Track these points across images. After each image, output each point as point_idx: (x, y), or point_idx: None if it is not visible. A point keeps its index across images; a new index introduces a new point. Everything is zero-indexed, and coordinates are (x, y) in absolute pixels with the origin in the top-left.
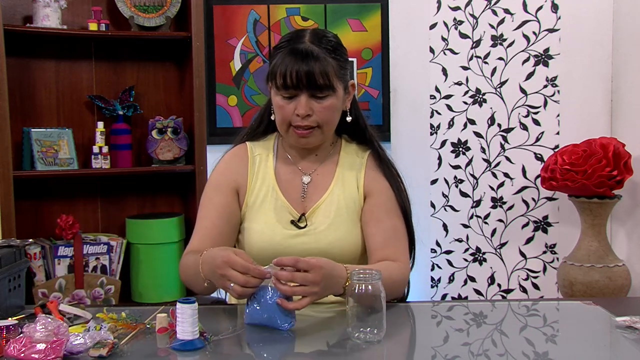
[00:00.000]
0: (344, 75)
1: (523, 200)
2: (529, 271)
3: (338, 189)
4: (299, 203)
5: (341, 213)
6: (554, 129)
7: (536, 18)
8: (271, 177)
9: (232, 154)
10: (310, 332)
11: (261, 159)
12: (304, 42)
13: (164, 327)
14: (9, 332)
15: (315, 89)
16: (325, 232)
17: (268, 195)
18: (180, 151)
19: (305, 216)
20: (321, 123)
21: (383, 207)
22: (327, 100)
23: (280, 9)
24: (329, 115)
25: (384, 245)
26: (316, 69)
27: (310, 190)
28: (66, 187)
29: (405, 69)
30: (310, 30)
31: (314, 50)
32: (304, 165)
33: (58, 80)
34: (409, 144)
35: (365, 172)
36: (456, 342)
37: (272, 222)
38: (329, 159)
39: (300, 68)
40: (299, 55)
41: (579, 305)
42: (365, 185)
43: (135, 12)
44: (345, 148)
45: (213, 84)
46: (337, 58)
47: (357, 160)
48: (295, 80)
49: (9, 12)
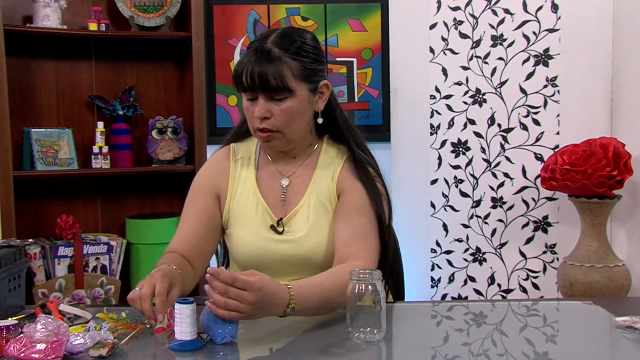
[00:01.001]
0: (308, 77)
1: (523, 200)
2: (529, 271)
3: (315, 192)
4: (279, 207)
5: (319, 217)
6: (554, 129)
7: (536, 18)
8: (252, 181)
9: (215, 157)
10: (310, 332)
11: (243, 163)
12: (267, 42)
13: (162, 327)
14: (9, 332)
15: (269, 91)
16: (306, 237)
17: (250, 200)
18: (180, 151)
19: (283, 221)
20: (280, 127)
21: (352, 204)
22: (285, 102)
23: (280, 9)
24: (288, 118)
25: (348, 242)
26: (269, 71)
27: (290, 193)
28: (66, 187)
29: (405, 69)
30: (280, 30)
31: (272, 51)
32: (283, 168)
33: (58, 80)
34: (409, 144)
35: (341, 173)
36: (456, 342)
37: (254, 228)
38: (308, 161)
39: (254, 69)
40: (256, 56)
41: (579, 305)
42: (339, 185)
43: (135, 12)
44: (325, 149)
45: (213, 84)
46: (300, 59)
47: (335, 162)
48: (250, 82)
49: (9, 12)
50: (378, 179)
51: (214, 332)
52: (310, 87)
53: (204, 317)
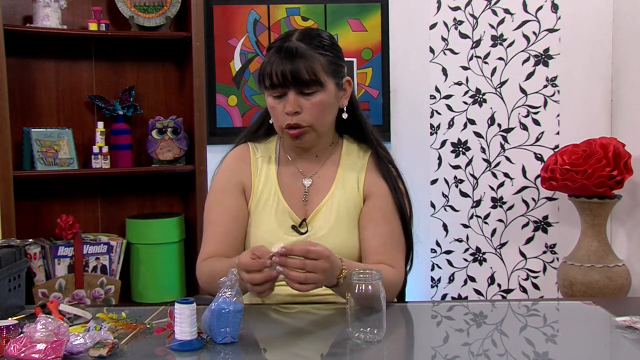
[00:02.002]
0: (335, 72)
1: (523, 200)
2: (529, 271)
3: (339, 191)
4: (300, 207)
5: (341, 217)
6: (554, 129)
7: (536, 18)
8: (273, 181)
9: (234, 155)
10: (310, 332)
11: (263, 161)
12: (291, 40)
13: (162, 328)
14: (9, 332)
15: (301, 85)
16: (325, 237)
17: (270, 199)
18: (180, 151)
19: (307, 221)
20: (311, 121)
21: (381, 211)
22: (315, 96)
23: (280, 9)
24: (319, 112)
25: (379, 250)
26: (301, 65)
27: (312, 193)
28: (66, 187)
29: (405, 69)
30: (301, 29)
31: (300, 48)
32: (304, 167)
33: (58, 80)
34: (409, 144)
35: (366, 174)
36: (456, 342)
37: (273, 228)
38: (330, 160)
39: (285, 66)
40: (284, 53)
41: (579, 305)
42: (365, 188)
43: (135, 12)
44: (346, 149)
45: (213, 84)
46: (326, 54)
47: (359, 162)
48: (282, 78)
49: (9, 12)
50: (399, 178)
51: (214, 332)
52: (337, 82)
53: (205, 317)
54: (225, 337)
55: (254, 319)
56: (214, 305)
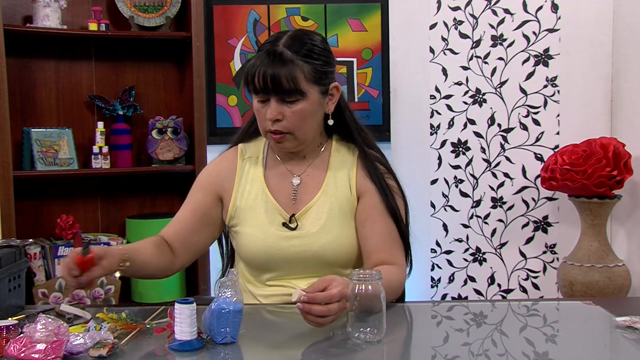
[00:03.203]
0: (319, 79)
1: (523, 200)
2: (529, 271)
3: (331, 189)
4: (289, 205)
5: (333, 215)
6: (554, 129)
7: (536, 18)
8: (260, 180)
9: (223, 157)
10: (310, 332)
11: (251, 163)
12: (278, 45)
13: (162, 328)
14: (9, 332)
15: (282, 94)
16: (317, 234)
17: (258, 198)
18: (180, 151)
19: (296, 217)
20: (292, 129)
21: (377, 209)
22: (296, 105)
23: (280, 9)
24: (299, 120)
25: (380, 248)
26: (282, 73)
27: (301, 192)
28: (66, 187)
29: (405, 69)
30: (291, 33)
31: (284, 54)
32: (293, 167)
33: (58, 80)
34: (409, 144)
35: (357, 172)
36: (456, 342)
37: (263, 225)
38: (319, 160)
39: (266, 71)
40: (268, 58)
41: (579, 305)
42: (358, 185)
43: (135, 12)
44: (336, 149)
45: (213, 84)
46: (312, 62)
47: (349, 159)
48: (262, 84)
49: (9, 12)
50: (389, 174)
51: (214, 332)
52: (321, 90)
53: (205, 317)
54: (225, 337)
55: (254, 319)
56: (214, 306)
